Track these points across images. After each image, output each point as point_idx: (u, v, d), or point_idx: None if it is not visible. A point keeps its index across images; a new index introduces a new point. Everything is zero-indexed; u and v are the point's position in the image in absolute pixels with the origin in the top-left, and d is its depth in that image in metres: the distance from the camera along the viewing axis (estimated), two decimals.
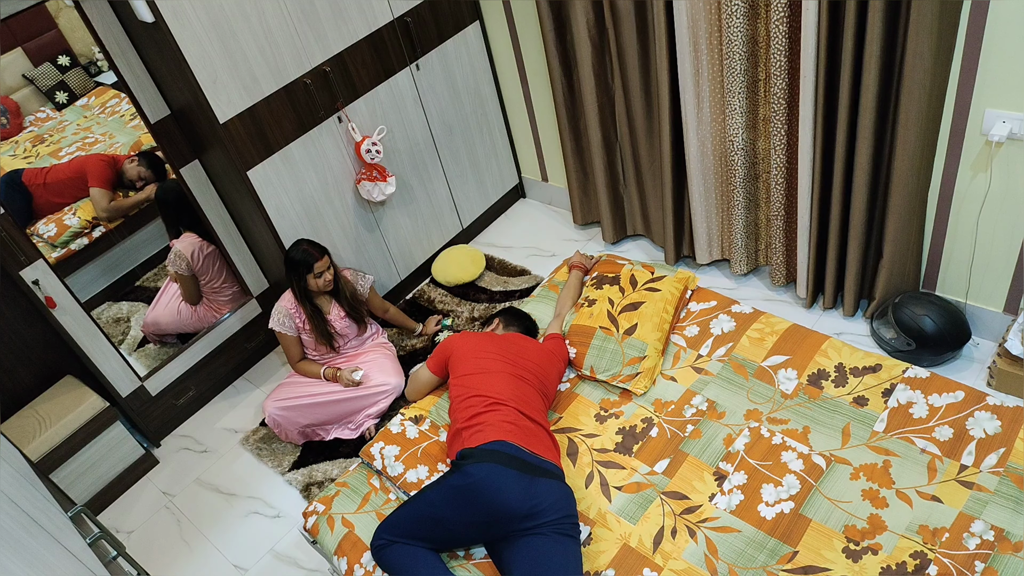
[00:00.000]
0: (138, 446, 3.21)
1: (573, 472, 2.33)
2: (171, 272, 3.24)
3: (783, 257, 3.10)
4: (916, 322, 2.71)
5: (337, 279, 3.05)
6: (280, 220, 3.06)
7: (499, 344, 2.50)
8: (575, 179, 3.62)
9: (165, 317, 3.28)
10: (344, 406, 3.05)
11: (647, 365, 2.51)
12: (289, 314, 3.02)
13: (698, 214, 3.19)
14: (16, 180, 2.86)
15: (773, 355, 2.49)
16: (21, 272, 2.73)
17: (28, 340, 3.00)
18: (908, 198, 2.59)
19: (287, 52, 2.87)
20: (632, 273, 2.77)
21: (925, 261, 2.83)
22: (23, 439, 2.90)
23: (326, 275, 2.95)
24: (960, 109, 2.41)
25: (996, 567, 1.83)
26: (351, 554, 2.26)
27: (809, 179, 2.74)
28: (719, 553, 2.05)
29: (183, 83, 2.71)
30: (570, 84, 3.32)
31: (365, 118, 3.22)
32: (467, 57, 3.55)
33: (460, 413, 2.32)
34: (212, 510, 3.05)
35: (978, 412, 2.15)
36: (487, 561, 2.16)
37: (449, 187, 3.74)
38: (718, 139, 2.96)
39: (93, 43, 2.80)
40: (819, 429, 2.26)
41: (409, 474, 2.41)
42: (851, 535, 2.00)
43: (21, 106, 2.90)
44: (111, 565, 2.01)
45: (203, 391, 3.46)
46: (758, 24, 2.61)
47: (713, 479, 2.21)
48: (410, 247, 3.68)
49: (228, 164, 2.92)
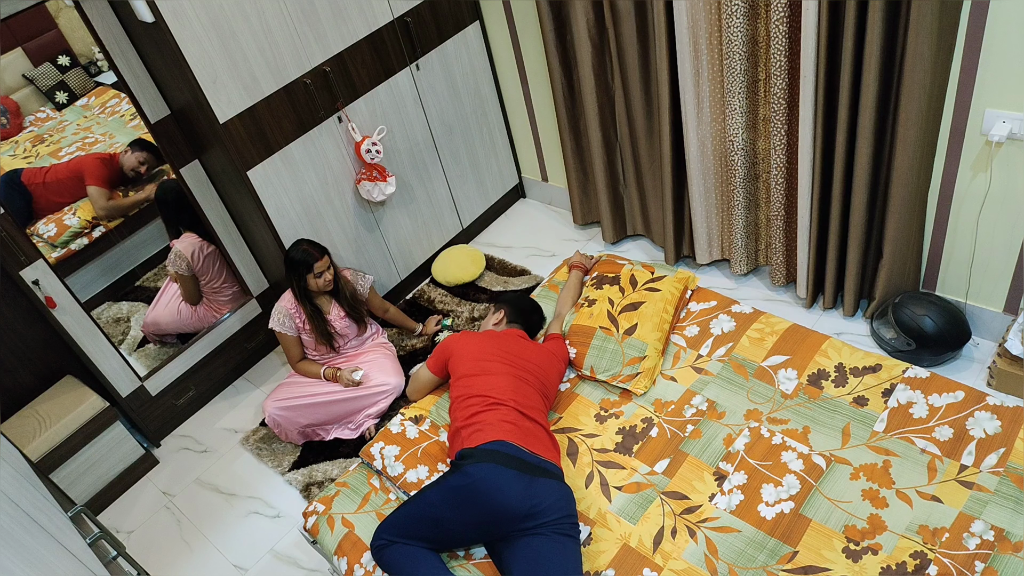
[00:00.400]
0: (138, 446, 3.21)
1: (573, 472, 2.33)
2: (171, 272, 3.24)
3: (783, 257, 3.10)
4: (916, 322, 2.71)
5: (337, 279, 3.05)
6: (280, 220, 3.06)
7: (499, 344, 2.50)
8: (575, 179, 3.62)
9: (165, 317, 3.28)
10: (344, 406, 3.05)
11: (647, 365, 2.51)
12: (289, 314, 3.02)
13: (698, 214, 3.19)
14: (16, 180, 2.86)
15: (773, 355, 2.49)
16: (21, 272, 2.73)
17: (28, 340, 3.00)
18: (908, 198, 2.59)
19: (287, 52, 2.87)
20: (632, 273, 2.77)
21: (925, 261, 2.83)
22: (23, 439, 2.90)
23: (326, 275, 2.95)
24: (960, 109, 2.41)
25: (996, 567, 1.83)
26: (351, 554, 2.26)
27: (809, 179, 2.74)
28: (719, 553, 2.05)
29: (183, 83, 2.71)
30: (570, 84, 3.32)
31: (365, 118, 3.22)
32: (467, 57, 3.55)
33: (460, 413, 2.32)
34: (212, 510, 3.05)
35: (978, 412, 2.15)
36: (487, 561, 2.16)
37: (449, 187, 3.74)
38: (718, 139, 2.96)
39: (93, 43, 2.80)
40: (819, 429, 2.26)
41: (409, 474, 2.41)
42: (851, 535, 2.00)
43: (21, 106, 2.90)
44: (111, 565, 2.01)
45: (203, 391, 3.46)
46: (758, 24, 2.61)
47: (713, 479, 2.21)
48: (410, 247, 3.68)
49: (228, 164, 2.92)
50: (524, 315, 2.73)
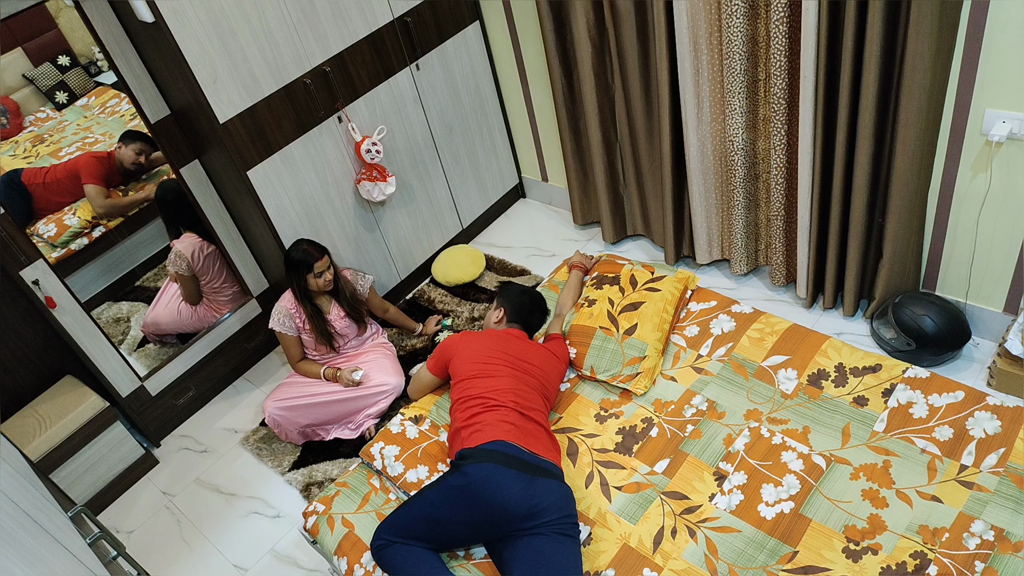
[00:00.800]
0: (138, 446, 3.21)
1: (573, 472, 2.33)
2: (171, 272, 3.24)
3: (783, 257, 3.10)
4: (916, 322, 2.71)
5: (337, 279, 3.05)
6: (280, 220, 3.06)
7: (500, 345, 2.50)
8: (575, 179, 3.62)
9: (165, 317, 3.28)
10: (344, 406, 3.05)
11: (647, 365, 2.51)
12: (289, 314, 3.02)
13: (698, 214, 3.19)
14: (16, 180, 2.86)
15: (773, 355, 2.49)
16: (21, 272, 2.73)
17: (28, 340, 3.01)
18: (908, 198, 2.59)
19: (287, 52, 2.87)
20: (632, 273, 2.77)
21: (925, 261, 2.83)
22: (23, 439, 2.90)
23: (326, 275, 2.95)
24: (960, 109, 2.41)
25: (996, 567, 1.83)
26: (351, 554, 2.26)
27: (809, 179, 2.74)
28: (719, 553, 2.05)
29: (183, 83, 2.71)
30: (570, 84, 3.32)
31: (365, 118, 3.22)
32: (467, 57, 3.55)
33: (460, 413, 2.32)
34: (212, 510, 3.05)
35: (978, 412, 2.15)
36: (487, 561, 2.16)
37: (449, 187, 3.74)
38: (718, 139, 2.96)
39: (93, 43, 2.80)
40: (819, 429, 2.26)
41: (409, 474, 2.41)
42: (851, 535, 2.00)
43: (21, 106, 2.90)
44: (111, 565, 2.01)
45: (203, 391, 3.46)
46: (758, 24, 2.61)
47: (713, 479, 2.21)
48: (410, 247, 3.68)
49: (228, 164, 2.92)
50: (524, 315, 2.73)
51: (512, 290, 2.75)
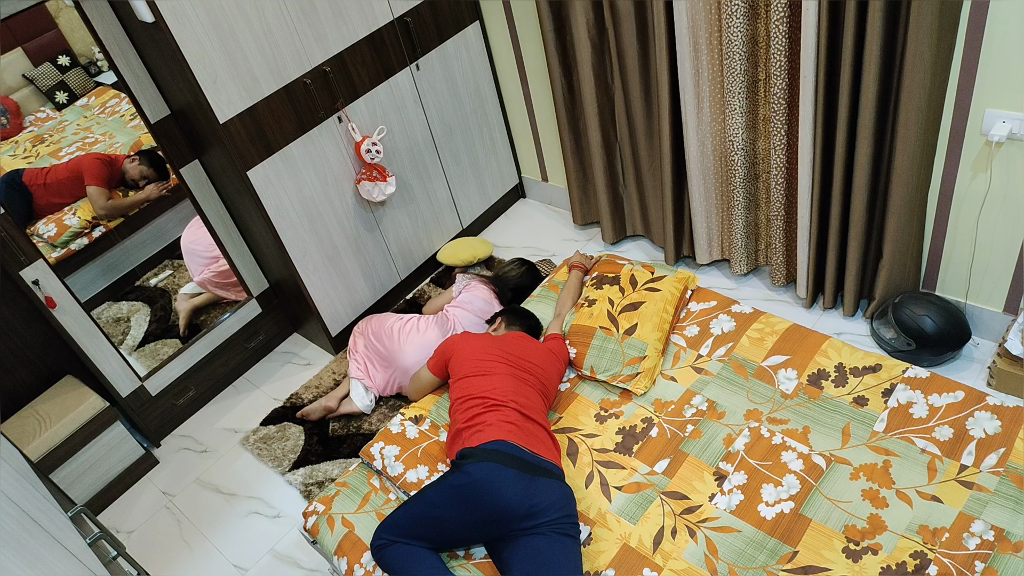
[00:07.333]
0: (138, 446, 3.21)
1: (573, 472, 2.33)
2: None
3: (783, 257, 3.10)
4: (916, 322, 2.71)
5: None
6: (280, 220, 3.06)
7: (500, 345, 2.50)
8: (575, 179, 3.62)
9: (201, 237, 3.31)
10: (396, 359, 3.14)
11: (647, 365, 2.51)
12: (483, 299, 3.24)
13: (698, 214, 3.19)
14: (16, 180, 2.86)
15: (773, 355, 2.49)
16: (21, 272, 2.73)
17: (28, 340, 3.01)
18: (908, 198, 2.59)
19: (287, 52, 2.87)
20: (632, 273, 2.77)
21: (925, 261, 2.83)
22: (23, 439, 2.90)
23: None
24: (960, 109, 2.41)
25: (996, 567, 1.83)
26: (351, 554, 2.26)
27: (809, 179, 2.74)
28: (719, 553, 2.05)
29: (183, 83, 2.71)
30: (570, 84, 3.32)
31: (365, 118, 3.22)
32: (467, 57, 3.55)
33: (460, 414, 2.32)
34: (212, 510, 3.05)
35: (978, 412, 2.15)
36: (487, 561, 2.16)
37: (449, 187, 3.74)
38: (718, 139, 2.96)
39: (93, 43, 2.80)
40: (819, 429, 2.26)
41: (409, 474, 2.41)
42: (851, 535, 2.00)
43: (21, 106, 2.90)
44: (111, 565, 2.01)
45: (203, 391, 3.46)
46: (758, 24, 2.61)
47: (713, 479, 2.21)
48: (410, 247, 3.68)
49: (228, 164, 2.92)
50: (522, 318, 2.75)
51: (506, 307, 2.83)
